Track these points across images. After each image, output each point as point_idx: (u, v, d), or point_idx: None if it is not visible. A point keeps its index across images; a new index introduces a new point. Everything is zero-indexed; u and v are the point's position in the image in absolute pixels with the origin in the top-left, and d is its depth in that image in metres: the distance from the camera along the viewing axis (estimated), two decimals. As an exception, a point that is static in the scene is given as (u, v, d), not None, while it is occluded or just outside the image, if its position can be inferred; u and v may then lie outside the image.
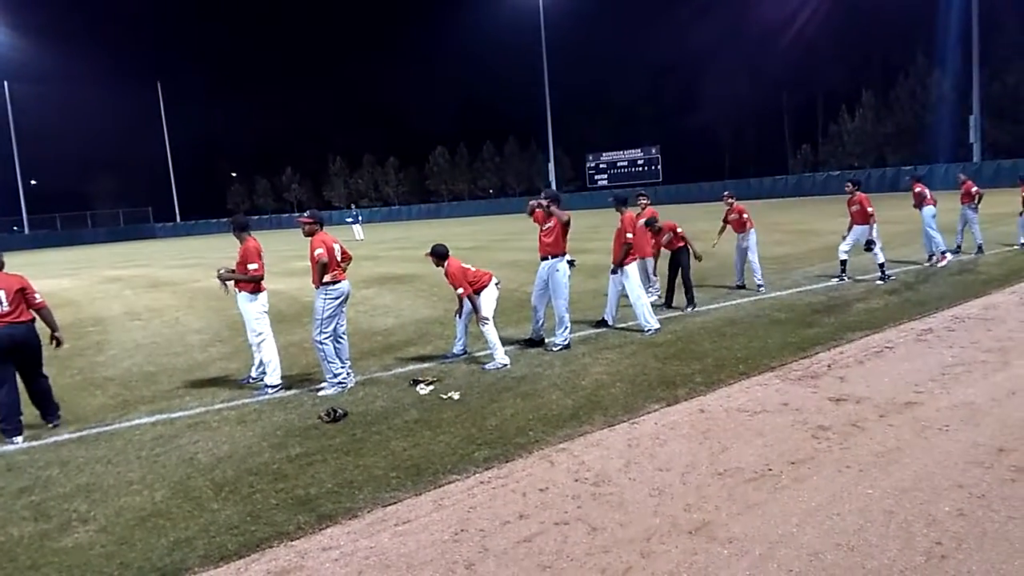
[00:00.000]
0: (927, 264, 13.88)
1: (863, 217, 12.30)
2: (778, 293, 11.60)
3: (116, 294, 19.40)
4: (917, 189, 14.47)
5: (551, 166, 72.70)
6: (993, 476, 4.46)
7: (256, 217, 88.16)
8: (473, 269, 8.48)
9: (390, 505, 4.66)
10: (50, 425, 6.97)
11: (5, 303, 6.60)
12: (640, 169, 74.04)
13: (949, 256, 13.90)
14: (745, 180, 63.94)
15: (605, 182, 75.36)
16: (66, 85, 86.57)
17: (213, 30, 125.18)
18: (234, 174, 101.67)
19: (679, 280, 10.95)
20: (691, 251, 10.98)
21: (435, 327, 10.63)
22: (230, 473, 5.42)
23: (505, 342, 8.81)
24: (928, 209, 14.13)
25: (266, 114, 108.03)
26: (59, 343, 7.15)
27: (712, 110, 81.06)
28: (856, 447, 5.08)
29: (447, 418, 6.35)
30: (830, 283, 12.22)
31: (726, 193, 13.04)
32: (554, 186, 71.87)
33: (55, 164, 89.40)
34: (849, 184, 12.82)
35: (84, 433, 6.71)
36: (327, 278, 7.49)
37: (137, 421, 6.98)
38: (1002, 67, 55.69)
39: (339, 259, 7.73)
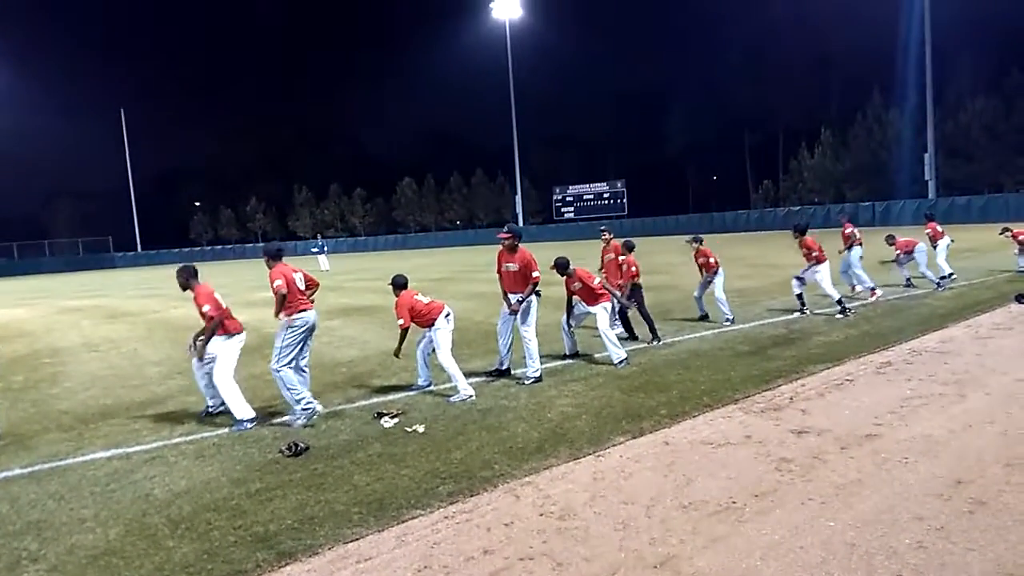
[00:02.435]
0: (854, 294, 14.49)
1: (809, 258, 12.72)
2: (741, 326, 11.73)
3: (73, 325, 18.97)
4: (847, 231, 14.99)
5: (518, 198, 73.21)
6: (952, 508, 4.53)
7: (220, 247, 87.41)
8: (426, 301, 8.46)
9: (352, 542, 4.58)
10: None
11: None
12: (606, 202, 74.88)
13: (878, 292, 14.19)
14: (708, 214, 65.05)
15: (572, 215, 76.06)
16: (26, 111, 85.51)
17: (178, 58, 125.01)
18: (198, 203, 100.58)
19: (635, 315, 11.13)
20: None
21: (400, 359, 10.53)
22: (187, 509, 5.29)
23: (472, 374, 8.79)
24: (856, 250, 14.71)
25: (231, 143, 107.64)
26: None
27: (677, 146, 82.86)
28: (818, 479, 5.12)
29: (411, 451, 6.28)
30: (791, 316, 12.38)
31: (689, 239, 13.10)
32: (520, 219, 72.43)
33: (13, 192, 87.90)
34: (792, 231, 13.23)
35: (36, 468, 6.51)
36: (291, 309, 7.47)
37: (92, 456, 6.78)
38: (955, 107, 57.74)
39: (303, 288, 7.68)
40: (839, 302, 12.34)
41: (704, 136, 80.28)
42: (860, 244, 14.74)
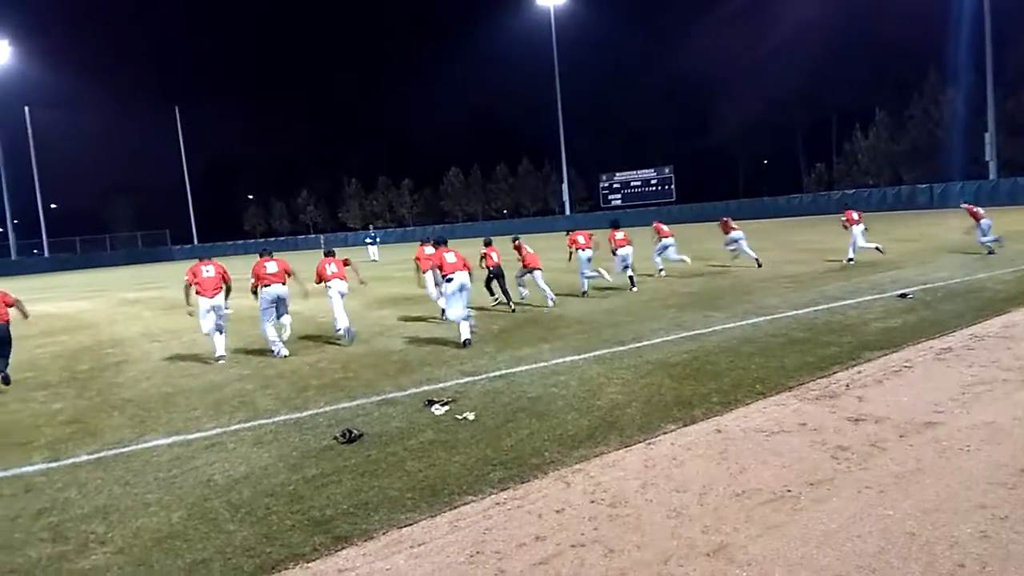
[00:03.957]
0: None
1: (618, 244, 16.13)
2: (795, 312, 11.53)
3: (135, 316, 19.57)
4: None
5: (564, 187, 72.92)
6: (1016, 497, 4.39)
7: (273, 239, 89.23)
8: (329, 272, 12.03)
9: (405, 527, 4.65)
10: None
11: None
12: (654, 189, 74.12)
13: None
14: (759, 199, 63.90)
15: (619, 202, 75.48)
16: (86, 110, 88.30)
17: (230, 56, 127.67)
18: (251, 196, 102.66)
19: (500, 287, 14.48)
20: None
21: (450, 348, 10.63)
22: (246, 494, 5.43)
23: (521, 360, 8.86)
24: (665, 240, 18.59)
25: (282, 137, 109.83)
26: None
27: (726, 130, 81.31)
28: (876, 468, 5.02)
29: (462, 439, 6.34)
30: (845, 303, 12.09)
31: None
32: (567, 207, 72.24)
33: (75, 188, 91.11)
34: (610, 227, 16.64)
35: (102, 454, 6.75)
36: (261, 286, 11.23)
37: (154, 442, 7.00)
38: (1016, 84, 55.54)
39: (274, 271, 11.28)
40: (631, 278, 15.92)
41: (754, 119, 78.73)
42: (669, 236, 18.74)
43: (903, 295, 12.27)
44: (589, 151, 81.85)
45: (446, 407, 7.34)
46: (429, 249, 13.95)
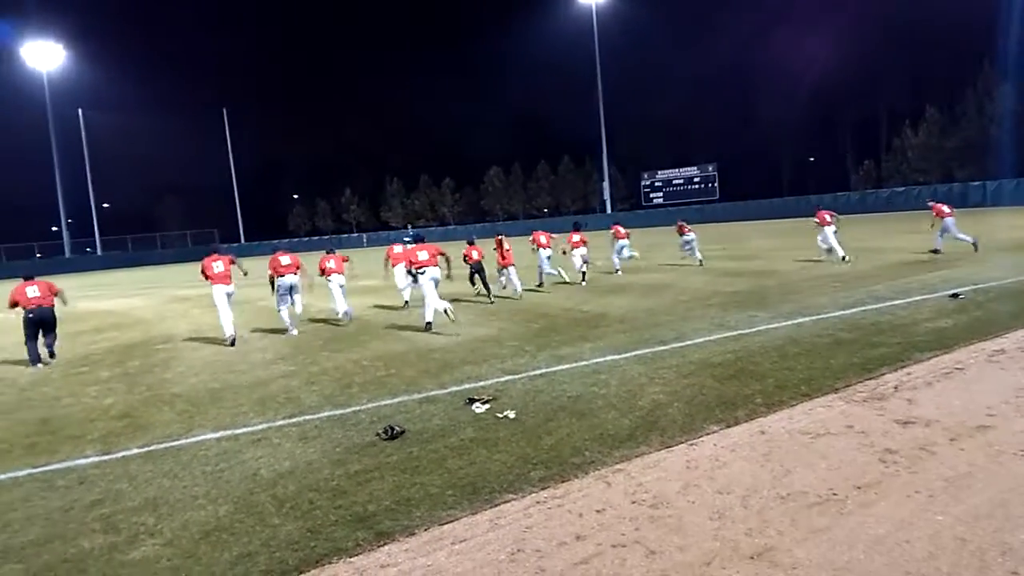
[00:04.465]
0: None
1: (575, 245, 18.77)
2: (841, 312, 11.30)
3: (183, 313, 20.00)
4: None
5: (605, 184, 72.59)
6: (1074, 504, 4.26)
7: (316, 238, 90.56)
8: (331, 265, 14.96)
9: (447, 523, 4.68)
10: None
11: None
12: (697, 187, 73.44)
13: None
14: (804, 197, 62.76)
15: (661, 200, 74.87)
16: (137, 112, 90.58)
17: (275, 59, 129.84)
18: (296, 196, 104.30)
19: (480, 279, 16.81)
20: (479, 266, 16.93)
21: (490, 346, 10.67)
22: (291, 489, 5.52)
23: (562, 359, 8.84)
24: (621, 242, 21.02)
25: (326, 138, 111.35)
26: None
27: (771, 127, 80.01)
28: (925, 472, 4.90)
29: (503, 437, 6.36)
30: (897, 302, 11.84)
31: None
32: (608, 205, 71.91)
33: (126, 188, 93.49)
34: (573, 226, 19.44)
35: (152, 448, 6.92)
36: (277, 276, 13.67)
37: (202, 437, 7.16)
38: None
39: (288, 263, 13.75)
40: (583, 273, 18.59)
41: (800, 116, 77.43)
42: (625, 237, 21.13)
43: (954, 295, 11.96)
44: (631, 149, 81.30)
45: (487, 405, 7.36)
46: (398, 248, 16.80)
